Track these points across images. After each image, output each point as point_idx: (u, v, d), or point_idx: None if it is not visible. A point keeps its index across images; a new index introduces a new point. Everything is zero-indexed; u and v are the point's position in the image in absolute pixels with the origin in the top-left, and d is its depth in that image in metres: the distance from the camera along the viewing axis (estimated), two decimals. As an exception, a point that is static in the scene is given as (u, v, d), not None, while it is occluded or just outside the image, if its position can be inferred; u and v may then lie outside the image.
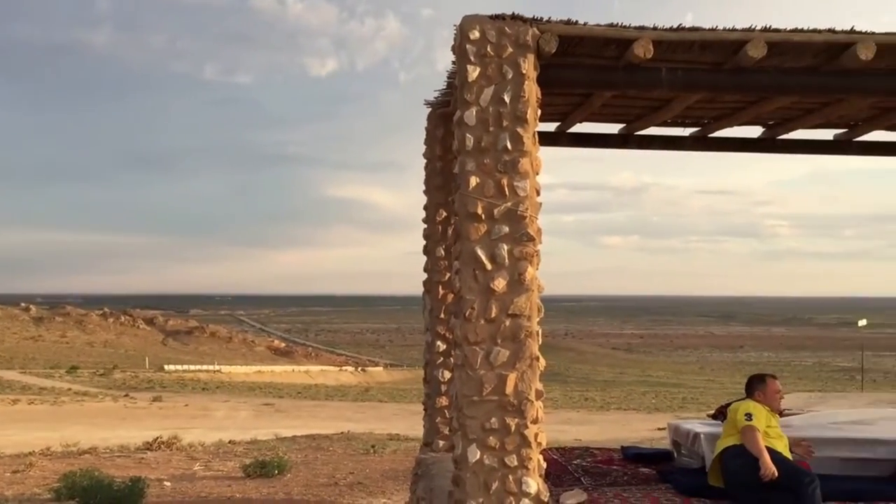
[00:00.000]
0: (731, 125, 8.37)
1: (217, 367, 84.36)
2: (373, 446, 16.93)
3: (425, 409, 8.92)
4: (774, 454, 6.09)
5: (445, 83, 7.66)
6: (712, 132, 8.60)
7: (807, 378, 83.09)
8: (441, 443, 8.56)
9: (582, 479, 7.03)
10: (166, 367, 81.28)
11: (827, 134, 8.81)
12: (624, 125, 8.59)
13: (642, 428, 24.56)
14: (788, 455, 6.31)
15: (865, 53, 5.87)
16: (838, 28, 5.96)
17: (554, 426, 22.10)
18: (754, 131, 8.79)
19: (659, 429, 20.63)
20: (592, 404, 42.22)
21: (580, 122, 8.43)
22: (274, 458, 13.22)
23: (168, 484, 11.98)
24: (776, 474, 5.92)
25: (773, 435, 6.30)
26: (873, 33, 5.95)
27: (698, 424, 7.69)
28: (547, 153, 7.47)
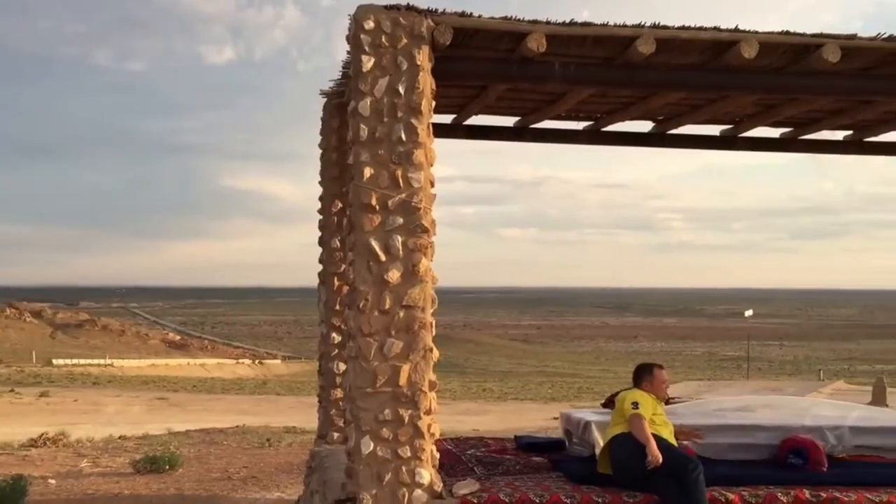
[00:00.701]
0: (622, 119, 8.54)
1: (109, 361, 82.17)
2: (268, 440, 16.76)
3: (320, 402, 8.88)
4: (660, 441, 6.25)
5: (341, 73, 7.62)
6: (605, 126, 8.76)
7: (696, 367, 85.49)
8: (336, 435, 8.53)
9: (475, 468, 7.09)
10: (55, 361, 78.75)
11: (714, 129, 9.07)
12: (519, 118, 8.68)
13: (538, 417, 24.90)
14: (674, 442, 6.49)
15: (748, 51, 6.06)
16: (723, 26, 6.14)
17: (452, 417, 22.26)
18: (645, 126, 8.99)
19: (554, 418, 20.94)
20: (490, 395, 42.61)
21: (476, 114, 8.49)
22: (165, 453, 12.96)
23: (53, 482, 11.63)
24: (661, 460, 6.08)
25: (658, 423, 6.47)
26: (756, 32, 6.14)
27: (589, 413, 7.84)
28: (446, 145, 7.54)
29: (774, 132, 9.08)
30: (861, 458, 7.42)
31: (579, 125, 8.86)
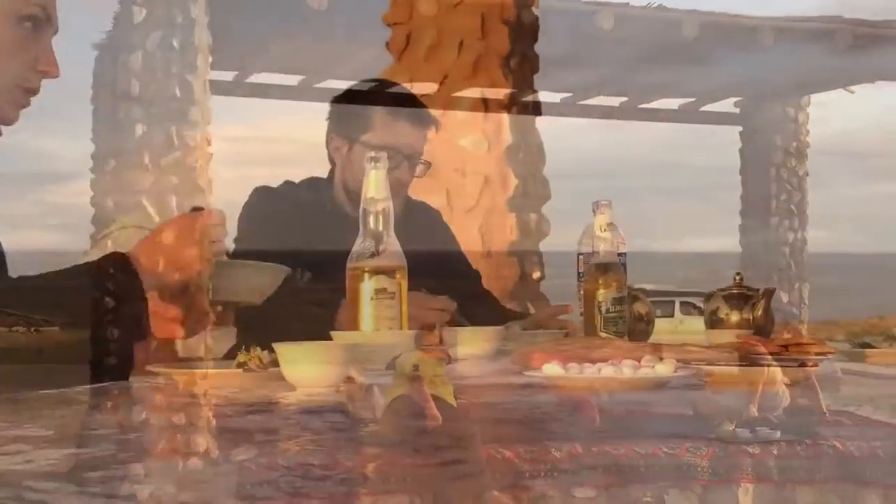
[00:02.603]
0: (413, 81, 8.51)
1: None
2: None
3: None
4: (439, 402, 6.38)
5: (112, 25, 7.26)
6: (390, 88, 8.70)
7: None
8: (109, 405, 8.21)
9: (255, 434, 7.00)
10: None
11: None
12: (303, 77, 8.52)
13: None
14: (453, 402, 6.64)
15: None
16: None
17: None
18: (432, 87, 8.97)
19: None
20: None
21: (259, 71, 8.27)
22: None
23: None
24: (440, 420, 6.21)
25: (439, 383, 6.59)
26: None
27: (373, 376, 7.89)
28: (240, 104, 7.31)
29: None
30: (631, 413, 7.85)
31: (365, 85, 8.78)
